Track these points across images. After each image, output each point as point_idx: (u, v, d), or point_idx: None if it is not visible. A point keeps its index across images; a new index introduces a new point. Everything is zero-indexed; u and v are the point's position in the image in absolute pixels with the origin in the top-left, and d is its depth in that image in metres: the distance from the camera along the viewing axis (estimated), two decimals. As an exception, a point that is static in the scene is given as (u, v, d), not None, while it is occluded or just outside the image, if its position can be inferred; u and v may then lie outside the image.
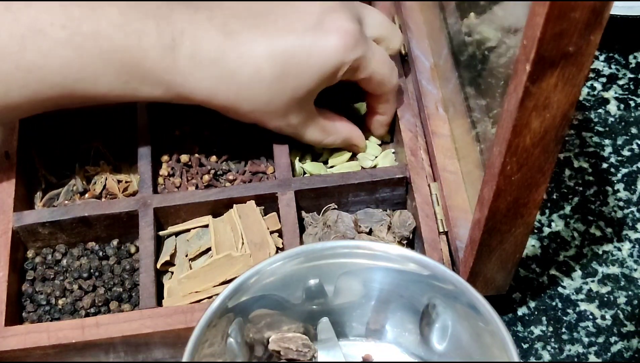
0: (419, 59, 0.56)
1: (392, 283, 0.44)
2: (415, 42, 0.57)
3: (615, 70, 0.64)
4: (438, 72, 0.55)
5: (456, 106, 0.52)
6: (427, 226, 0.49)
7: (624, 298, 0.52)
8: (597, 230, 0.55)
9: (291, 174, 0.52)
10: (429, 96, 0.54)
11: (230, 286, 0.41)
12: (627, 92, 0.62)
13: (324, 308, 0.45)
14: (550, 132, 0.36)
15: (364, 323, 0.46)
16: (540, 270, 0.54)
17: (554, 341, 0.51)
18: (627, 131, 0.60)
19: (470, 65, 0.49)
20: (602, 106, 0.62)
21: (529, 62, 0.33)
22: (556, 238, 0.55)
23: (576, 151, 0.59)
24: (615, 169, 0.58)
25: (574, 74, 0.34)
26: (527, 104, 0.34)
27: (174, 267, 0.50)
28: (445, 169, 0.51)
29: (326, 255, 0.43)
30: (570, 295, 0.53)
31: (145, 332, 0.44)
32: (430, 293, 0.43)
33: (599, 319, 0.52)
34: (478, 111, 0.48)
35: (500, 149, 0.37)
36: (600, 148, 0.59)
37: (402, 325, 0.45)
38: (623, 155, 0.59)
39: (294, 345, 0.44)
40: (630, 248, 0.55)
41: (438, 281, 0.42)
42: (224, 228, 0.50)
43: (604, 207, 0.56)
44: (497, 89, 0.45)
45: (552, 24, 0.31)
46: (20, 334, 0.44)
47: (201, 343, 0.40)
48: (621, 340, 0.51)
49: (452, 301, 0.42)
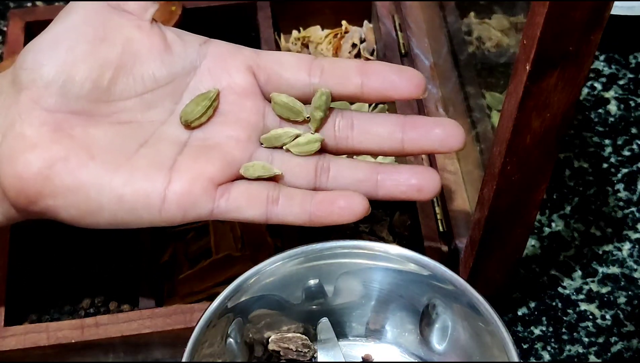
0: (419, 58, 0.56)
1: (392, 284, 0.44)
2: (415, 41, 0.57)
3: (616, 70, 0.64)
4: (438, 71, 0.55)
5: (456, 105, 0.52)
6: (427, 226, 0.49)
7: (624, 299, 0.52)
8: (597, 230, 0.55)
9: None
10: (428, 96, 0.54)
11: (229, 286, 0.41)
12: (627, 93, 0.62)
13: (324, 308, 0.45)
14: (551, 132, 0.36)
15: (363, 323, 0.46)
16: (540, 270, 0.54)
17: (554, 341, 0.51)
18: (627, 131, 0.60)
19: (470, 64, 0.49)
20: (602, 106, 0.62)
21: (529, 62, 0.33)
22: (556, 238, 0.55)
23: (576, 151, 0.59)
24: (615, 169, 0.58)
25: (574, 73, 0.34)
26: (528, 103, 0.34)
27: (173, 267, 0.50)
28: (445, 169, 0.51)
29: (326, 255, 0.43)
30: (570, 295, 0.53)
31: (145, 332, 0.44)
32: (430, 294, 0.43)
33: (599, 319, 0.52)
34: (478, 111, 0.48)
35: (500, 149, 0.37)
36: (600, 148, 0.59)
37: (402, 325, 0.45)
38: (623, 155, 0.59)
39: (293, 345, 0.44)
40: (631, 248, 0.55)
41: (438, 282, 0.42)
42: (223, 228, 0.50)
43: (604, 207, 0.56)
44: (498, 88, 0.45)
45: (552, 23, 0.31)
46: (20, 334, 0.44)
47: (201, 344, 0.40)
48: (621, 341, 0.51)
49: (452, 302, 0.42)
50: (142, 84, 0.40)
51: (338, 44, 0.62)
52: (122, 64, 0.40)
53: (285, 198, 0.40)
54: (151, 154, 0.40)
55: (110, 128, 0.40)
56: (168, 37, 0.41)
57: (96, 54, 0.39)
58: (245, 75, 0.42)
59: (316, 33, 0.63)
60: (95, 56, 0.39)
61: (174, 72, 0.41)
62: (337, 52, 0.62)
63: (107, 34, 0.39)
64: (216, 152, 0.40)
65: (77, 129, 0.39)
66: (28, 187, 0.38)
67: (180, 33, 0.42)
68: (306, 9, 0.63)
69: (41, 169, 0.38)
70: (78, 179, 0.38)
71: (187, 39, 0.42)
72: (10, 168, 0.38)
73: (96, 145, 0.39)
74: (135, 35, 0.40)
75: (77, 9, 0.40)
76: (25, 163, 0.38)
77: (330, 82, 0.41)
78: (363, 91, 0.41)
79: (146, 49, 0.40)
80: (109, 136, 0.39)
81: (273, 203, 0.40)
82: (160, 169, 0.39)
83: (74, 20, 0.39)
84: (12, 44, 0.57)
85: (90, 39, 0.39)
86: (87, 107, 0.39)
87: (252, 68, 0.42)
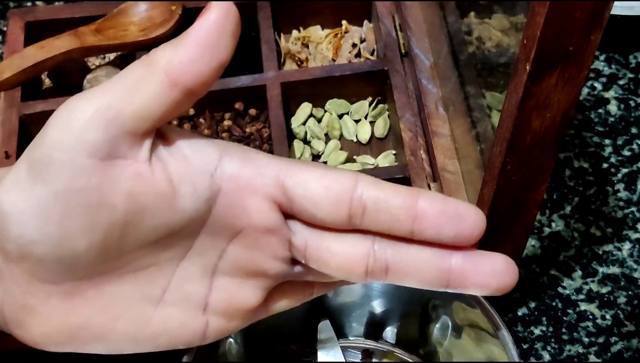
0: (419, 57, 0.56)
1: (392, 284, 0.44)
2: (415, 40, 0.57)
3: (616, 70, 0.64)
4: (438, 71, 0.55)
5: (456, 105, 0.52)
6: (427, 226, 0.49)
7: (624, 299, 0.52)
8: (598, 230, 0.55)
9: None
10: (429, 95, 0.54)
11: (229, 286, 0.41)
12: (628, 92, 0.62)
13: (324, 308, 0.45)
14: (551, 132, 0.36)
15: (363, 323, 0.46)
16: (540, 270, 0.54)
17: (554, 341, 0.51)
18: (627, 131, 0.60)
19: (470, 64, 0.49)
20: (602, 106, 0.62)
21: (529, 62, 0.33)
22: (556, 238, 0.55)
23: (576, 151, 0.59)
24: (615, 169, 0.58)
25: (574, 73, 0.34)
26: (528, 103, 0.34)
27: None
28: (445, 169, 0.51)
29: (326, 255, 0.43)
30: (570, 295, 0.53)
31: (145, 332, 0.44)
32: (430, 294, 0.43)
33: (599, 319, 0.52)
34: (478, 111, 0.48)
35: (501, 149, 0.37)
36: (600, 148, 0.59)
37: (402, 325, 0.45)
38: (623, 155, 0.59)
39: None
40: (631, 248, 0.55)
41: (438, 282, 0.42)
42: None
43: (604, 207, 0.56)
44: (498, 88, 0.45)
45: (552, 23, 0.31)
46: (20, 334, 0.44)
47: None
48: (621, 341, 0.51)
49: (452, 302, 0.42)
50: (154, 233, 0.33)
51: (338, 44, 0.62)
52: (128, 222, 0.32)
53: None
54: (179, 295, 0.34)
55: (127, 280, 0.34)
56: (173, 177, 0.32)
57: (95, 224, 0.31)
58: (269, 214, 0.33)
59: (316, 33, 0.63)
60: (94, 226, 0.31)
61: (187, 217, 0.33)
62: (337, 51, 0.62)
63: (103, 197, 0.31)
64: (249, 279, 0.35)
65: (90, 292, 0.33)
66: (51, 349, 0.34)
67: (186, 160, 0.32)
68: (306, 9, 0.62)
69: (60, 341, 0.33)
70: (105, 343, 0.34)
71: (195, 171, 0.32)
72: (24, 333, 0.34)
73: (117, 304, 0.33)
74: (136, 188, 0.31)
75: (57, 171, 0.30)
76: (41, 336, 0.33)
77: (373, 227, 0.33)
78: (413, 237, 0.33)
79: (151, 201, 0.32)
80: (127, 290, 0.34)
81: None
82: (194, 308, 0.35)
83: (57, 187, 0.30)
84: (12, 44, 0.58)
85: (84, 208, 0.31)
86: (96, 269, 0.33)
87: (277, 201, 0.33)
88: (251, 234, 0.34)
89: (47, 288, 0.32)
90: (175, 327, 0.34)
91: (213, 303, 0.34)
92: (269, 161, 0.33)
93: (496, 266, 0.33)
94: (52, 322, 0.33)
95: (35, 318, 0.33)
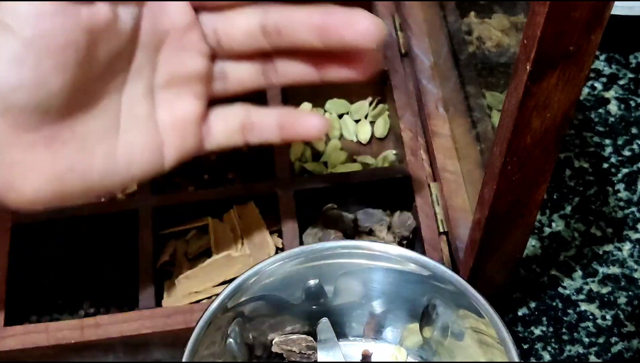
0: (419, 57, 0.56)
1: (392, 284, 0.44)
2: (415, 40, 0.57)
3: (616, 70, 0.63)
4: (438, 71, 0.55)
5: (456, 105, 0.52)
6: (427, 226, 0.49)
7: (625, 299, 0.52)
8: (598, 230, 0.55)
9: (291, 174, 0.52)
10: (429, 95, 0.54)
11: (229, 286, 0.41)
12: (628, 92, 0.62)
13: (324, 308, 0.45)
14: (551, 132, 0.36)
15: (363, 323, 0.46)
16: (540, 270, 0.54)
17: (554, 341, 0.51)
18: (627, 131, 0.60)
19: (470, 64, 0.49)
20: (602, 106, 0.62)
21: (529, 62, 0.33)
22: (556, 238, 0.55)
23: (576, 151, 0.59)
24: (615, 169, 0.58)
25: (574, 73, 0.34)
26: (528, 103, 0.34)
27: (173, 267, 0.50)
28: (445, 169, 0.51)
29: (326, 255, 0.43)
30: (570, 295, 0.53)
31: (145, 332, 0.44)
32: (431, 294, 0.43)
33: (600, 319, 0.52)
34: (478, 111, 0.48)
35: (501, 149, 0.37)
36: (600, 148, 0.59)
37: (402, 325, 0.45)
38: (624, 155, 0.59)
39: (297, 348, 0.44)
40: (631, 249, 0.55)
41: (438, 282, 0.42)
42: (223, 228, 0.50)
43: (604, 207, 0.56)
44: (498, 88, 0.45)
45: (552, 23, 0.31)
46: (20, 334, 0.44)
47: (201, 344, 0.39)
48: (621, 341, 0.51)
49: (452, 302, 0.42)
50: (107, 61, 0.37)
51: (338, 44, 0.62)
52: (89, 56, 0.36)
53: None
54: (132, 119, 0.39)
55: (90, 117, 0.37)
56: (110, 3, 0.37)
57: (65, 63, 0.35)
58: (186, 10, 0.39)
59: (316, 33, 0.63)
60: (64, 65, 0.35)
61: (125, 36, 0.38)
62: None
63: (68, 37, 0.35)
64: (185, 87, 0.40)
65: (66, 134, 0.37)
66: (41, 206, 0.37)
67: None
68: (306, 9, 0.62)
69: (50, 193, 0.37)
70: (88, 183, 0.38)
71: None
72: (17, 195, 0.36)
73: (89, 140, 0.37)
74: (92, 23, 0.36)
75: (22, 19, 0.34)
76: (33, 192, 0.36)
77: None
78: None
79: (103, 30, 0.36)
80: (93, 126, 0.38)
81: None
82: (147, 129, 0.39)
83: (25, 34, 0.34)
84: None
85: (53, 51, 0.35)
86: (68, 110, 0.36)
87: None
88: (174, 37, 0.39)
89: (30, 138, 0.35)
90: (138, 152, 0.39)
91: (161, 119, 0.39)
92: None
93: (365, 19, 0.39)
94: (42, 172, 0.36)
95: (26, 173, 0.36)
